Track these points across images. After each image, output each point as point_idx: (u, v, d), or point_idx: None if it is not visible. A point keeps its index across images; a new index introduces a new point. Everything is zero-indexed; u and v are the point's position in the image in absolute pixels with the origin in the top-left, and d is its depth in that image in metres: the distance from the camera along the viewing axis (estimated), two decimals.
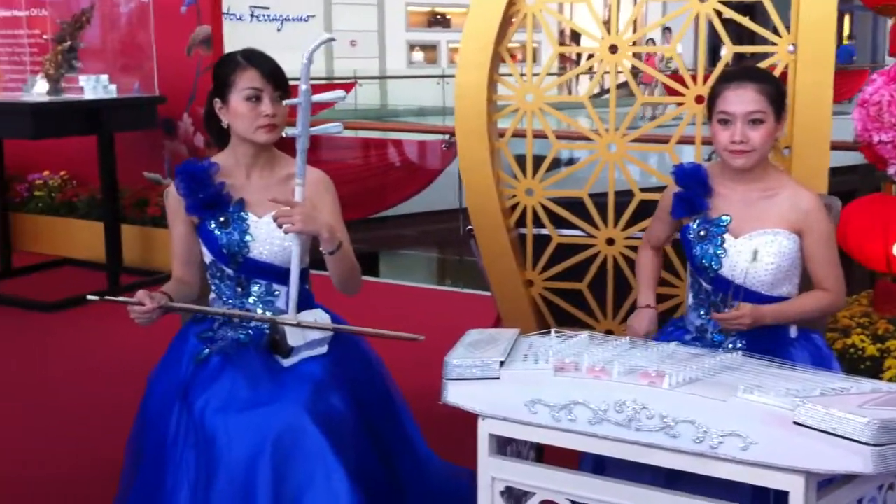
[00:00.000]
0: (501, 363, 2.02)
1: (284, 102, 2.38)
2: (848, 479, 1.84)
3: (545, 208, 3.35)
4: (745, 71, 2.47)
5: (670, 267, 3.14)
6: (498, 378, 2.01)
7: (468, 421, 2.07)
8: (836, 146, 3.04)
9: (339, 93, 2.44)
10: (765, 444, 1.77)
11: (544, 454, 2.24)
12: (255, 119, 2.37)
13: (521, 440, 2.11)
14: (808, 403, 1.75)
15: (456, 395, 2.05)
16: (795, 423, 1.75)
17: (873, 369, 3.31)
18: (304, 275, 2.43)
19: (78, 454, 3.28)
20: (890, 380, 3.19)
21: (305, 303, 2.43)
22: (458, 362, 2.04)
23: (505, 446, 2.09)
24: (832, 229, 2.50)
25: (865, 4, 3.64)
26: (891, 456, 1.71)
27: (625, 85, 3.64)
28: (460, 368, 2.04)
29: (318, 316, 2.39)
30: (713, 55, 3.75)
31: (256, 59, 2.41)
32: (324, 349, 2.36)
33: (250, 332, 2.42)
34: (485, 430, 2.04)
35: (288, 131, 2.35)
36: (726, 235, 2.43)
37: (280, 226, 2.28)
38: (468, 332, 2.27)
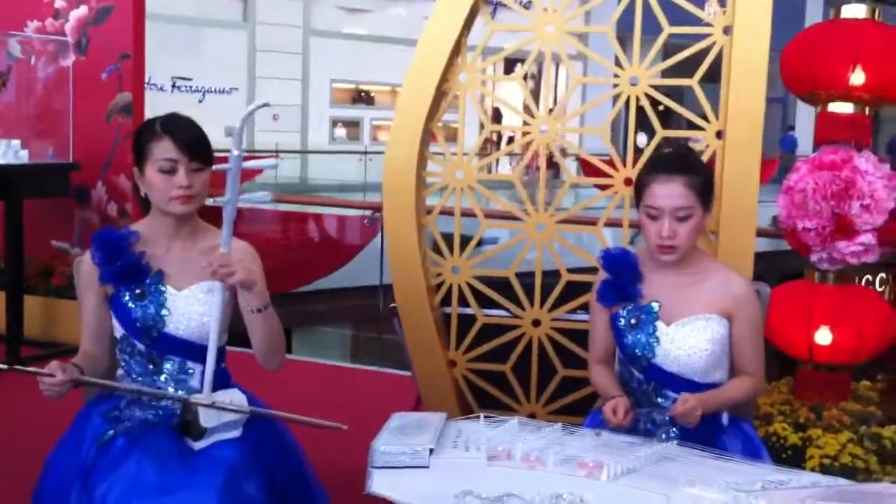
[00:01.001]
0: (431, 450, 1.92)
1: (215, 167, 2.27)
2: None
3: (471, 287, 3.28)
4: (673, 161, 2.40)
5: None
6: (427, 467, 1.90)
7: None
8: (757, 233, 3.06)
9: (272, 160, 2.34)
10: None
11: None
12: (168, 190, 2.25)
13: None
14: (751, 499, 1.69)
15: (381, 484, 1.93)
16: None
17: (795, 458, 3.29)
18: (220, 353, 2.30)
19: None
20: (812, 469, 3.17)
21: (221, 382, 2.31)
22: (386, 449, 1.94)
23: None
24: (761, 315, 2.48)
25: (790, 90, 3.70)
26: None
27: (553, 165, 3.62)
28: (388, 456, 1.93)
29: (233, 396, 2.27)
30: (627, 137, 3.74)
31: (173, 128, 2.28)
32: (238, 432, 2.23)
33: (160, 411, 2.27)
34: None
35: (217, 200, 2.24)
36: (658, 323, 2.38)
37: (214, 272, 2.16)
38: (393, 416, 2.17)
